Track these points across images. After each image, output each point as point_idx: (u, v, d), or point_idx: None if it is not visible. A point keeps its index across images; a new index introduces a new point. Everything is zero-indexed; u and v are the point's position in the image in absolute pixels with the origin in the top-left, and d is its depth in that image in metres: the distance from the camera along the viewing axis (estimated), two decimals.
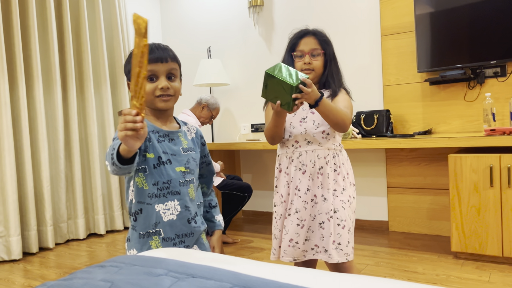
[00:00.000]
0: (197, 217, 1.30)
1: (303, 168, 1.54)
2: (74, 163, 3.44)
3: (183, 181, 1.25)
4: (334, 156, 1.55)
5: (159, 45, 1.25)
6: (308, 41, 1.57)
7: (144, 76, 0.89)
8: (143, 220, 1.23)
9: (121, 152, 1.02)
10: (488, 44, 2.76)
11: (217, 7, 4.12)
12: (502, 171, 2.32)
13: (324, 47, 1.58)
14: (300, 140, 1.56)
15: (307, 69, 1.56)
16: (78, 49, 3.57)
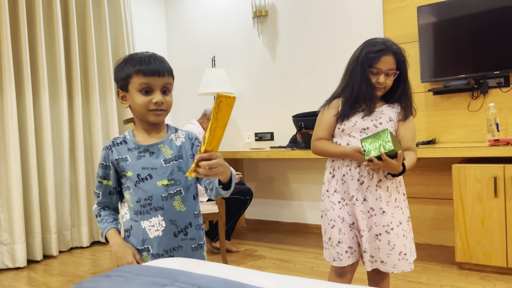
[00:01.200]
0: (190, 228, 1.25)
1: (361, 179, 1.54)
2: (79, 171, 3.46)
3: (166, 195, 1.22)
4: None
5: (155, 56, 1.21)
6: (387, 60, 1.53)
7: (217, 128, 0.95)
8: (133, 237, 1.24)
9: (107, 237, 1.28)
10: (491, 54, 2.77)
11: (222, 17, 4.16)
12: (507, 181, 2.31)
13: (401, 67, 1.55)
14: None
15: (379, 87, 1.55)
16: (84, 58, 3.61)
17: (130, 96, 1.22)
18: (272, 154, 3.20)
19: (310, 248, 3.19)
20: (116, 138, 1.28)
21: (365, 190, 1.54)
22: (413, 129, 1.60)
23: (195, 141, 1.31)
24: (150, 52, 1.23)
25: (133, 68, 1.18)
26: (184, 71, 4.36)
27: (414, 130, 1.60)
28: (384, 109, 1.58)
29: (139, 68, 1.17)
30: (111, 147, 1.25)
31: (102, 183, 1.26)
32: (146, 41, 4.32)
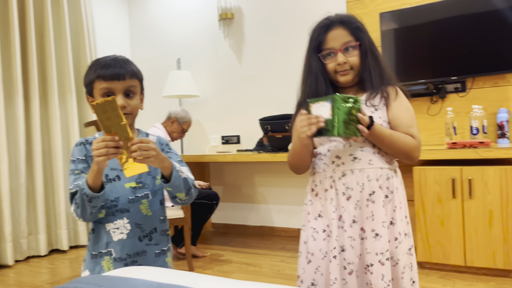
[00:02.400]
0: (155, 233, 1.24)
1: (348, 192, 1.22)
2: (36, 176, 3.31)
3: (133, 198, 1.20)
4: (388, 177, 1.23)
5: (117, 59, 1.19)
6: (336, 33, 1.23)
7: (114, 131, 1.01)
8: (95, 239, 1.21)
9: (90, 185, 1.07)
10: (449, 61, 2.88)
11: (187, 19, 4.11)
12: (464, 183, 2.40)
13: (359, 37, 1.24)
14: (344, 155, 1.23)
15: (343, 70, 1.24)
16: (42, 59, 3.46)
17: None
18: (239, 157, 3.18)
19: (277, 251, 3.19)
20: (86, 138, 1.26)
21: (354, 208, 1.21)
22: (407, 107, 1.26)
23: (165, 146, 1.31)
24: (112, 56, 1.21)
25: (94, 73, 1.18)
26: (149, 73, 4.27)
27: (409, 109, 1.26)
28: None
29: (99, 73, 1.17)
30: (84, 144, 1.23)
31: (81, 176, 1.18)
32: (109, 42, 4.20)
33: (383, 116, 1.24)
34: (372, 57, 1.27)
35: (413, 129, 1.24)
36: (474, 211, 2.38)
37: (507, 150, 2.31)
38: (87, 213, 1.12)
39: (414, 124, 1.25)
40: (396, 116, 1.24)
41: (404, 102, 1.27)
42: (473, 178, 2.38)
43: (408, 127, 1.23)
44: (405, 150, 1.21)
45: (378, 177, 1.22)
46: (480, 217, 2.36)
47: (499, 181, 2.32)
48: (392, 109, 1.24)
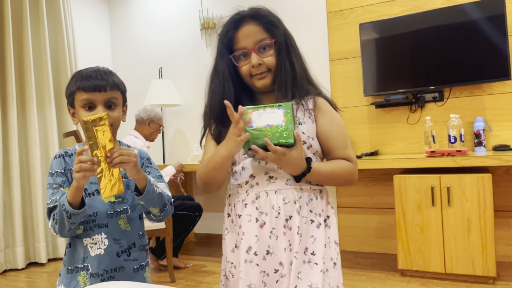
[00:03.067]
0: (134, 249, 1.22)
1: (261, 218, 1.04)
2: (14, 188, 3.23)
3: (112, 212, 1.19)
4: (310, 199, 1.07)
5: (98, 70, 1.19)
6: (248, 30, 1.07)
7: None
8: (72, 254, 1.19)
9: (70, 201, 1.05)
10: (427, 71, 2.94)
11: (169, 28, 4.10)
12: (442, 190, 2.44)
13: (273, 34, 1.09)
14: (259, 173, 1.07)
15: (260, 73, 1.08)
16: (20, 68, 3.40)
17: (76, 113, 1.20)
18: None
19: None
20: (66, 150, 1.24)
21: (269, 237, 1.03)
22: (339, 124, 1.09)
23: (146, 161, 1.30)
24: (95, 67, 1.20)
25: (75, 84, 1.17)
26: (131, 82, 4.24)
27: (341, 126, 1.10)
28: None
29: (79, 85, 1.16)
30: (63, 156, 1.21)
31: (60, 190, 1.16)
32: (90, 52, 4.15)
33: (308, 131, 1.08)
34: (288, 56, 1.09)
35: (349, 150, 1.09)
36: (452, 218, 2.42)
37: (483, 158, 2.36)
38: (65, 230, 1.09)
39: (348, 143, 1.10)
40: (329, 137, 1.08)
41: (335, 118, 1.10)
42: (451, 186, 2.42)
43: (343, 148, 1.08)
44: (345, 180, 1.08)
45: (297, 199, 1.04)
46: (459, 224, 2.40)
47: (477, 189, 2.36)
48: (323, 127, 1.08)
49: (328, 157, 1.11)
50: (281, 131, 0.97)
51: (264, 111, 0.99)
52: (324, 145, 1.09)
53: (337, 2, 3.32)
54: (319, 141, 1.09)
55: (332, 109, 1.11)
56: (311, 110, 1.08)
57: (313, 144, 1.08)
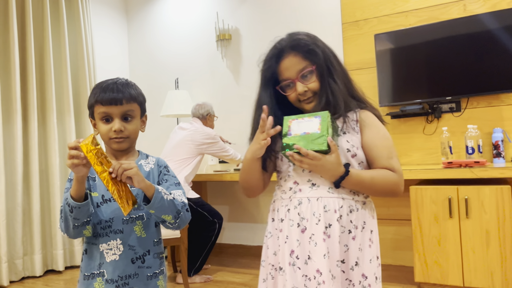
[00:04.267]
0: (148, 256, 1.23)
1: (303, 224, 1.07)
2: (33, 196, 3.30)
3: (128, 219, 1.20)
4: (351, 210, 1.08)
5: (116, 83, 1.21)
6: (289, 63, 1.14)
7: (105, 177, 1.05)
8: (88, 260, 1.21)
9: (73, 196, 1.08)
10: (443, 81, 2.92)
11: (185, 40, 4.17)
12: (460, 202, 2.41)
13: (313, 60, 1.14)
14: (302, 181, 1.11)
15: (307, 99, 1.15)
16: (41, 79, 3.50)
17: (96, 124, 1.24)
18: (236, 176, 3.18)
19: None
20: None
21: (309, 242, 1.05)
22: (384, 136, 1.13)
23: (163, 169, 1.31)
24: (114, 79, 1.24)
25: (94, 97, 1.21)
26: (147, 93, 4.28)
27: (386, 138, 1.13)
28: None
29: (97, 98, 1.20)
30: None
31: None
32: (108, 63, 4.25)
33: (352, 140, 1.12)
34: (330, 77, 1.14)
35: (393, 161, 1.11)
36: (471, 230, 2.38)
37: (502, 169, 2.32)
38: (70, 227, 1.11)
39: (394, 154, 1.12)
40: (373, 147, 1.11)
41: (381, 130, 1.14)
42: (469, 198, 2.38)
43: (388, 159, 1.10)
44: (387, 190, 1.08)
45: (338, 208, 1.06)
46: (477, 237, 2.36)
47: (495, 201, 2.32)
48: (367, 138, 1.12)
49: (372, 166, 1.13)
50: (316, 138, 1.02)
51: (303, 120, 1.06)
52: (368, 155, 1.12)
53: (352, 13, 3.33)
54: (364, 152, 1.12)
55: (377, 121, 1.15)
56: (356, 122, 1.13)
57: (358, 153, 1.11)
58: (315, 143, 1.02)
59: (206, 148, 3.08)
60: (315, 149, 1.01)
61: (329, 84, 1.13)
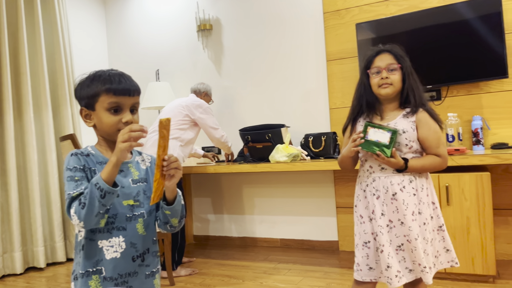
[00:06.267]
0: (147, 254, 1.21)
1: (377, 193, 1.57)
2: (11, 193, 3.21)
3: (131, 216, 1.17)
4: (411, 180, 1.55)
5: (124, 75, 1.19)
6: (383, 57, 1.58)
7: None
8: (84, 256, 1.15)
9: (106, 180, 1.05)
10: (424, 70, 2.92)
11: (165, 30, 4.09)
12: (441, 190, 2.44)
13: (401, 61, 1.58)
14: (374, 165, 1.59)
15: (385, 84, 1.55)
16: (16, 73, 3.39)
17: (96, 115, 1.18)
18: (220, 169, 3.16)
19: (259, 262, 3.17)
20: (80, 150, 1.20)
21: (382, 205, 1.56)
22: (434, 130, 1.55)
23: None
24: (117, 71, 1.20)
25: (103, 86, 1.15)
26: None
27: (436, 132, 1.55)
28: (398, 120, 1.57)
29: (110, 87, 1.14)
30: (79, 154, 1.17)
31: (84, 182, 1.12)
32: (86, 55, 4.15)
33: (410, 137, 1.55)
34: (412, 79, 1.58)
35: (440, 149, 1.55)
36: (452, 217, 2.41)
37: (482, 157, 2.36)
38: (93, 214, 1.04)
39: (441, 144, 1.56)
40: (425, 139, 1.55)
41: (432, 126, 1.55)
42: (450, 185, 2.41)
43: (436, 147, 1.55)
44: (434, 169, 1.57)
45: (400, 182, 1.55)
46: (458, 223, 2.40)
47: (475, 188, 2.36)
48: (422, 133, 1.55)
49: (426, 152, 1.59)
50: (384, 147, 1.51)
51: (378, 130, 1.52)
52: (423, 145, 1.57)
53: (334, 2, 3.31)
54: (419, 143, 1.57)
55: (430, 119, 1.56)
56: (413, 122, 1.56)
57: (413, 145, 1.57)
58: (384, 151, 1.51)
59: (197, 115, 3.03)
60: (385, 154, 1.51)
61: (406, 82, 1.57)
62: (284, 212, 3.62)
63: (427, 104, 1.59)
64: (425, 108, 1.58)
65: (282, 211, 3.62)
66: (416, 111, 1.56)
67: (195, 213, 4.02)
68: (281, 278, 2.76)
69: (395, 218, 1.54)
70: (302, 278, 2.73)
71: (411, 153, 1.57)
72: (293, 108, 3.54)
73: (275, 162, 2.96)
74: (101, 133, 1.21)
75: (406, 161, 1.52)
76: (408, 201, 1.54)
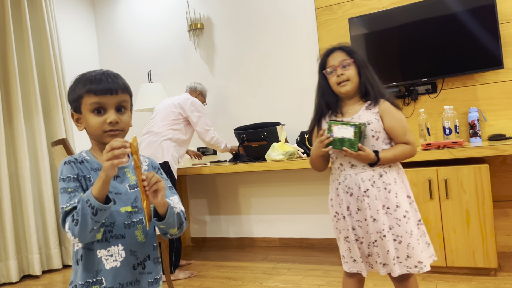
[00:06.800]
0: (148, 261, 1.17)
1: (350, 191, 1.58)
2: (4, 200, 3.15)
3: (129, 223, 1.13)
4: (381, 175, 1.55)
5: (108, 74, 1.13)
6: (335, 55, 1.59)
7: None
8: (83, 268, 1.11)
9: (96, 197, 1.00)
10: (419, 63, 2.91)
11: (156, 31, 4.04)
12: (440, 183, 2.41)
13: (353, 56, 1.59)
14: (345, 162, 1.60)
15: (341, 81, 1.56)
16: (5, 77, 3.33)
17: (84, 118, 1.13)
18: (215, 169, 3.12)
19: (258, 262, 3.13)
20: (75, 156, 1.15)
21: (356, 201, 1.57)
22: (399, 119, 1.55)
23: (158, 171, 1.24)
24: (102, 70, 1.15)
25: (84, 88, 1.11)
26: None
27: (401, 120, 1.56)
28: (362, 113, 1.57)
29: (90, 88, 1.10)
30: (72, 163, 1.12)
31: (77, 194, 1.08)
32: (76, 58, 4.09)
33: (375, 128, 1.56)
34: (368, 71, 1.60)
35: (407, 136, 1.56)
36: (451, 211, 2.39)
37: (479, 149, 2.34)
38: (87, 230, 1.00)
39: (407, 131, 1.56)
40: (392, 129, 1.55)
41: (396, 115, 1.56)
42: (448, 178, 2.39)
43: (403, 135, 1.55)
44: (406, 157, 1.57)
45: (371, 178, 1.55)
46: (458, 216, 2.38)
47: (474, 180, 2.33)
48: (387, 123, 1.55)
49: (394, 141, 1.59)
50: (350, 142, 1.50)
51: (342, 126, 1.51)
52: (391, 134, 1.57)
53: None
54: (387, 133, 1.57)
55: (392, 108, 1.56)
56: (377, 113, 1.57)
57: (380, 135, 1.56)
58: (349, 146, 1.51)
59: (188, 113, 2.99)
60: (353, 150, 1.50)
61: (362, 75, 1.58)
62: (282, 211, 3.59)
63: (386, 94, 1.61)
64: (385, 98, 1.59)
65: (280, 210, 3.59)
66: (377, 102, 1.57)
67: (192, 215, 3.98)
68: (281, 278, 2.72)
69: (368, 214, 1.55)
70: (303, 277, 2.70)
71: (381, 143, 1.57)
72: (288, 106, 3.50)
73: (271, 160, 2.93)
74: (91, 136, 1.16)
75: (377, 154, 1.52)
76: (380, 196, 1.54)
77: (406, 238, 1.52)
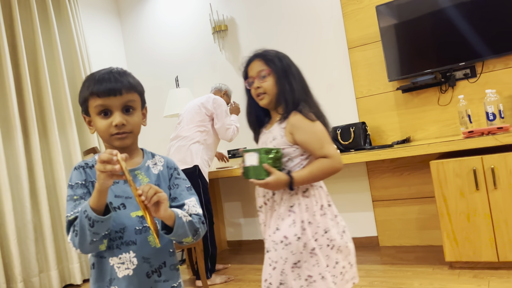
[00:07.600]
0: (164, 268, 1.10)
1: (259, 203, 1.51)
2: (42, 212, 3.22)
3: (141, 228, 1.06)
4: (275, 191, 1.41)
5: (112, 72, 1.08)
6: (254, 65, 1.45)
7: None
8: (97, 276, 1.07)
9: (94, 208, 0.94)
10: (454, 47, 2.74)
11: (181, 36, 4.04)
12: (486, 172, 2.25)
13: (270, 66, 1.42)
14: (259, 192, 1.51)
15: (259, 94, 1.43)
16: (38, 91, 3.41)
17: (93, 121, 1.09)
18: None
19: None
20: (86, 161, 1.11)
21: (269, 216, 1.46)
22: (311, 132, 1.35)
23: (174, 171, 1.17)
24: (108, 68, 1.09)
25: (88, 90, 1.06)
26: (148, 94, 4.19)
27: (314, 132, 1.35)
28: (274, 129, 1.42)
29: (92, 89, 1.04)
30: (83, 168, 1.09)
31: (82, 202, 1.04)
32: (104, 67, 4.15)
33: (279, 144, 1.39)
34: (286, 81, 1.40)
35: (324, 149, 1.35)
36: (501, 201, 2.22)
37: None
38: (86, 242, 0.96)
39: (324, 142, 1.35)
40: (305, 144, 1.36)
41: (307, 128, 1.36)
42: (495, 167, 2.22)
43: (319, 149, 1.35)
44: (327, 173, 1.36)
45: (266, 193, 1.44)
46: (509, 207, 2.20)
47: None
48: (299, 139, 1.36)
49: (312, 157, 1.39)
50: (256, 170, 1.35)
51: (249, 154, 1.38)
52: (306, 150, 1.38)
53: None
54: (302, 148, 1.38)
55: (303, 121, 1.36)
56: (283, 128, 1.39)
57: (285, 152, 1.39)
58: (256, 175, 1.35)
59: (212, 110, 2.95)
60: (257, 178, 1.35)
61: (282, 87, 1.40)
62: None
63: (301, 104, 1.40)
64: (298, 109, 1.38)
65: None
66: (287, 116, 1.38)
67: (227, 218, 3.94)
68: None
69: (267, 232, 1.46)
70: None
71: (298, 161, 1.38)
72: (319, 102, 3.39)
73: None
74: (102, 139, 1.11)
75: (289, 174, 1.34)
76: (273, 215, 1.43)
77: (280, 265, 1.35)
